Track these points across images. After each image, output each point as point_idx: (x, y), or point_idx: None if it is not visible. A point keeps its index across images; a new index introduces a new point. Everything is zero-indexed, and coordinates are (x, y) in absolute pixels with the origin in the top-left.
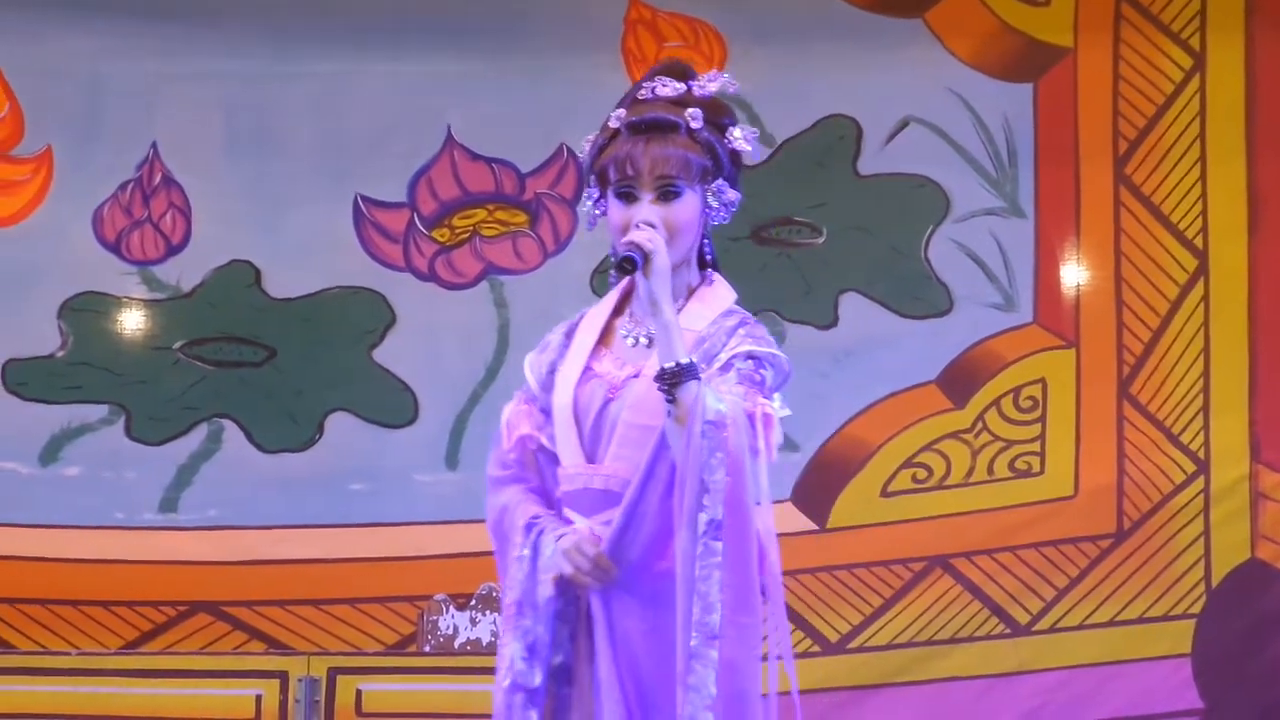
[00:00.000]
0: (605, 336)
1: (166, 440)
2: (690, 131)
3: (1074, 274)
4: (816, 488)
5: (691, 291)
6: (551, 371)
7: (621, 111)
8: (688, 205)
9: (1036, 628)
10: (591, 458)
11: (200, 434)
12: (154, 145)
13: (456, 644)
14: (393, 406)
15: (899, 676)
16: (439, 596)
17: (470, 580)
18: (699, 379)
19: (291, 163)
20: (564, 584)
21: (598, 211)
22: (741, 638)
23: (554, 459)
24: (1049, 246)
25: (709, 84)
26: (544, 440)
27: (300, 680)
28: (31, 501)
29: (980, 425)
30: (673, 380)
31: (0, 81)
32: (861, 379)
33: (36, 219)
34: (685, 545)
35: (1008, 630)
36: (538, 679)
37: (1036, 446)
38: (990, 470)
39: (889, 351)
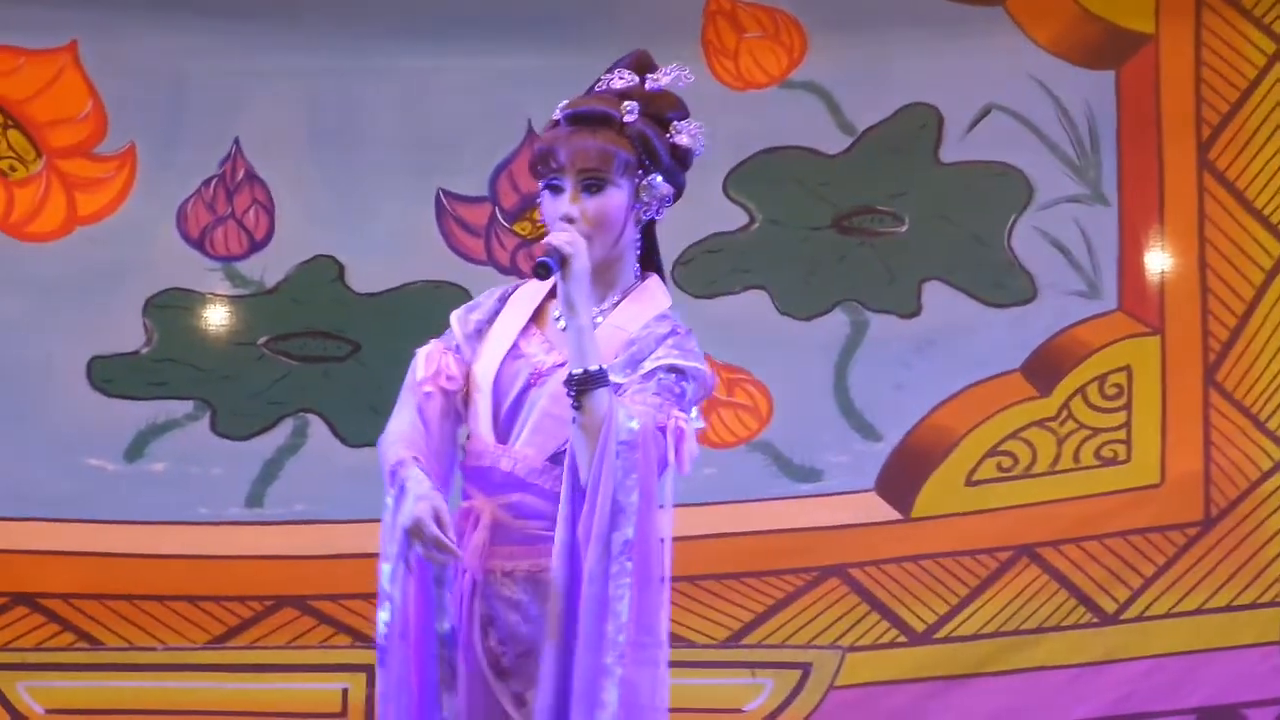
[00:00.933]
0: (538, 317)
1: (252, 435)
2: (621, 125)
3: (1158, 260)
4: (900, 477)
5: (626, 291)
6: (478, 331)
7: (565, 103)
8: (611, 199)
9: (1124, 616)
10: (503, 438)
11: (285, 429)
12: (236, 142)
13: None
14: None
15: (986, 666)
16: None
17: None
18: (608, 385)
19: (374, 158)
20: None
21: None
22: (643, 657)
23: (455, 410)
24: (1133, 233)
25: (663, 77)
26: (454, 389)
27: None
28: (118, 498)
29: (1065, 413)
30: (581, 387)
31: (83, 79)
32: (945, 368)
33: (120, 216)
34: (596, 564)
35: (1095, 619)
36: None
37: (1122, 434)
38: (1076, 458)
39: (972, 340)
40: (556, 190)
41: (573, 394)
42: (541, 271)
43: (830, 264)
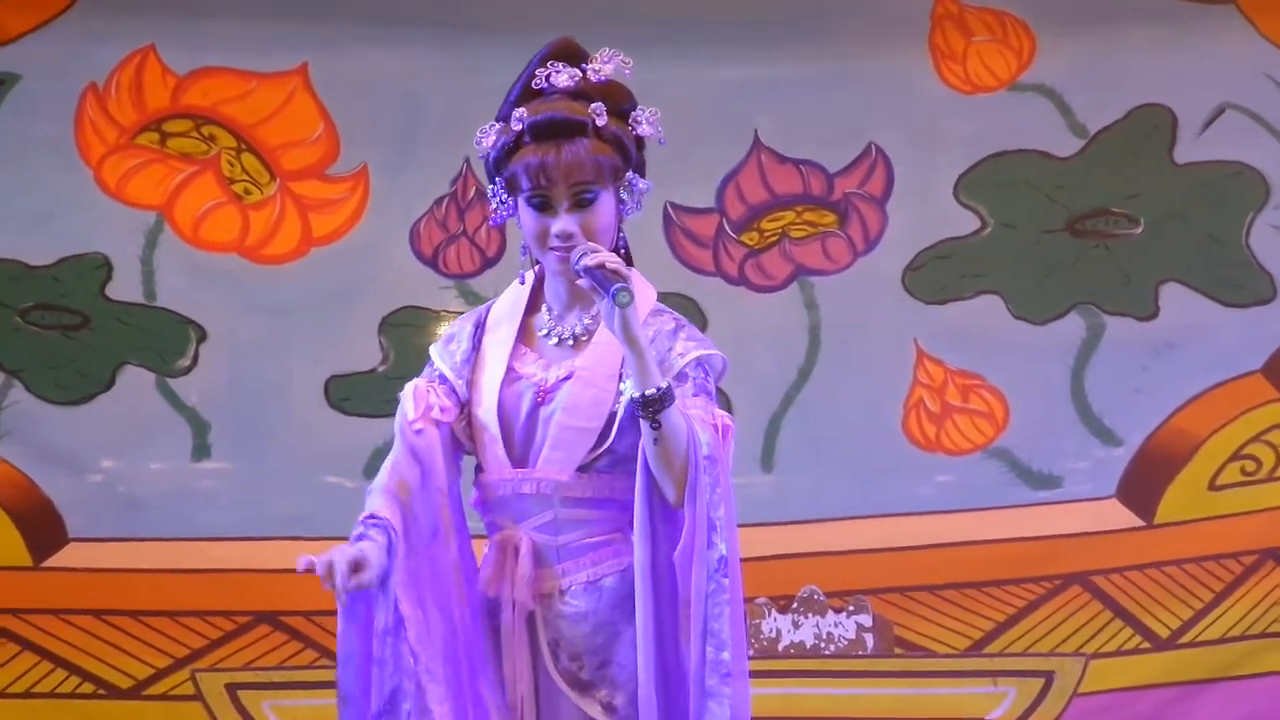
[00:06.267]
0: (523, 335)
1: None
2: (596, 130)
3: None
4: (1142, 483)
5: None
6: (466, 361)
7: (522, 111)
8: (604, 208)
9: None
10: (520, 462)
11: None
12: (466, 160)
13: (780, 647)
14: None
15: (1231, 671)
16: (760, 600)
17: (792, 582)
18: (675, 400)
19: None
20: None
21: (504, 213)
22: (744, 671)
23: (454, 439)
24: None
25: (604, 66)
26: (454, 425)
27: None
28: (357, 515)
29: None
30: (659, 406)
31: (315, 101)
32: (1185, 370)
33: (354, 236)
34: (699, 584)
35: None
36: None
37: None
38: None
39: (1212, 341)
40: (544, 206)
41: (647, 414)
42: (625, 299)
43: (1065, 267)
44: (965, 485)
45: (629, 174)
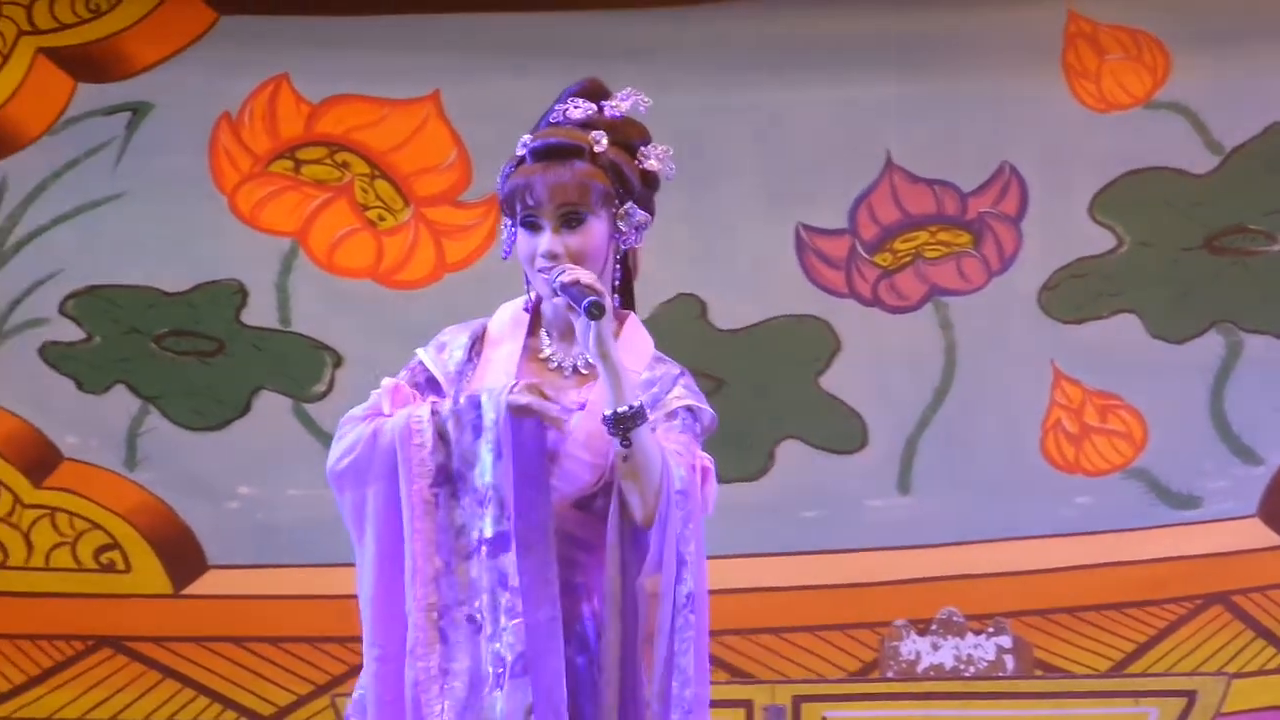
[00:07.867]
0: (526, 356)
1: None
2: (593, 155)
3: None
4: None
5: (620, 323)
6: (460, 374)
7: (528, 138)
8: (592, 232)
9: None
10: None
11: None
12: None
13: (919, 669)
14: (842, 433)
15: None
16: (899, 622)
17: (928, 605)
18: (648, 421)
19: (732, 194)
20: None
21: (510, 241)
22: (705, 702)
23: None
24: None
25: (621, 104)
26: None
27: (765, 708)
28: None
29: None
30: (631, 424)
31: (447, 128)
32: None
33: (487, 262)
34: (664, 619)
35: None
36: None
37: None
38: None
39: None
40: (535, 228)
41: (619, 432)
42: (596, 312)
43: (1203, 285)
44: (1104, 506)
45: (627, 204)
